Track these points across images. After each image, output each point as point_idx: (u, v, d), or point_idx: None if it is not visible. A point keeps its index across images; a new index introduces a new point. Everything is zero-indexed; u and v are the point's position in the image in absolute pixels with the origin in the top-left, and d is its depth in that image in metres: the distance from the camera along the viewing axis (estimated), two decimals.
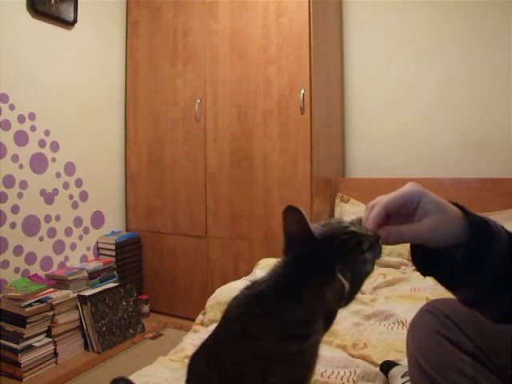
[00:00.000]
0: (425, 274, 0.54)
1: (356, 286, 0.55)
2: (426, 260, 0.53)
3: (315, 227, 0.56)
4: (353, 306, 1.39)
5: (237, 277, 1.80)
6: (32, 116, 2.27)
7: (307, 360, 0.60)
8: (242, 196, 2.39)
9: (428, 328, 0.74)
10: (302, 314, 0.54)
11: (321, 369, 0.98)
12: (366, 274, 0.55)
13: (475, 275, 0.50)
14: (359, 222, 0.57)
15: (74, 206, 2.51)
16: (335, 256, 0.52)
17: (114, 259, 2.56)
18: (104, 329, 2.22)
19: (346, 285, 0.50)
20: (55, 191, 2.40)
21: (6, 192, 2.14)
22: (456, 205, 0.53)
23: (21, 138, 2.21)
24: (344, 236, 0.54)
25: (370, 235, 0.56)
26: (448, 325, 0.72)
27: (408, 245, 0.55)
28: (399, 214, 0.52)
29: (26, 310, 1.93)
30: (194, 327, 1.42)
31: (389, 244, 0.52)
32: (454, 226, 0.50)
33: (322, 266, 0.52)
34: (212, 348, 0.61)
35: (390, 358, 1.03)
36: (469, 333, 0.70)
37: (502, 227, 0.52)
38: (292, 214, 0.55)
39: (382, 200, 0.52)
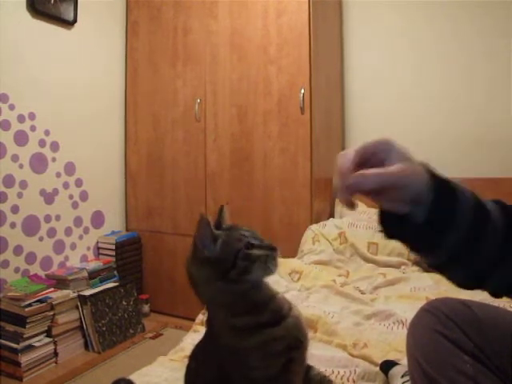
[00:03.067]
0: (390, 236, 0.54)
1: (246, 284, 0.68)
2: (391, 224, 0.53)
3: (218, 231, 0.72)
4: (353, 306, 1.39)
5: None
6: (32, 116, 2.27)
7: (280, 352, 0.66)
8: (242, 196, 2.39)
9: (428, 327, 0.74)
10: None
11: (321, 368, 0.98)
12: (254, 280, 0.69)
13: (439, 236, 0.51)
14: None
15: (74, 205, 2.51)
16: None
17: (113, 259, 2.56)
18: (104, 329, 2.22)
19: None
20: (55, 191, 2.40)
21: (5, 192, 2.14)
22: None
23: (21, 138, 2.22)
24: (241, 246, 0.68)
25: (266, 246, 0.68)
26: (448, 324, 0.72)
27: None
28: (369, 164, 0.51)
29: (26, 309, 1.93)
30: (194, 327, 1.42)
31: (363, 192, 0.50)
32: (421, 177, 0.50)
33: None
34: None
35: (390, 357, 1.03)
36: (469, 332, 0.70)
37: (469, 190, 0.53)
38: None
39: (353, 147, 0.53)
